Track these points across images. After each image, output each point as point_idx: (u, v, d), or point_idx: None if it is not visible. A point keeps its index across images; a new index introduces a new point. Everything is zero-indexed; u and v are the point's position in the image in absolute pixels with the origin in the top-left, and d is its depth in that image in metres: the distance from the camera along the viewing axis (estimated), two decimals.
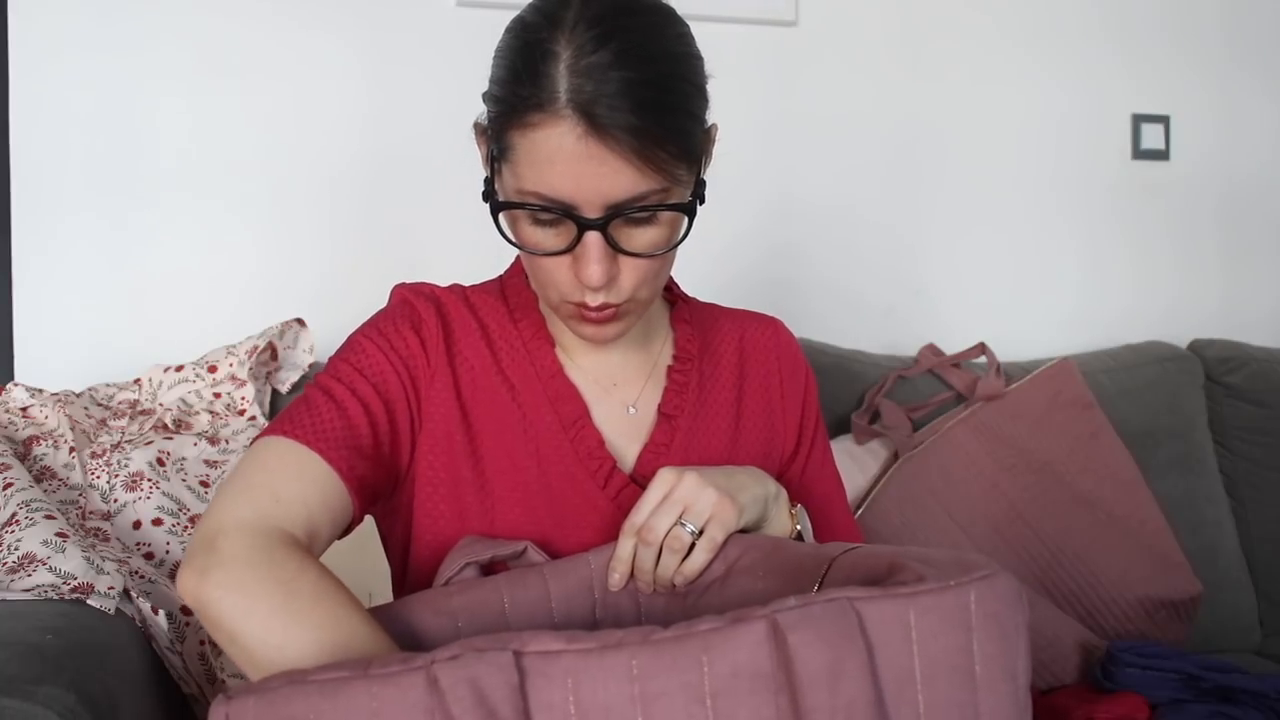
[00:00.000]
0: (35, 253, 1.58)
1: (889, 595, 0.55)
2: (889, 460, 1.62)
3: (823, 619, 0.53)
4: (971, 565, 0.58)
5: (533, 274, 0.85)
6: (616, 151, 0.73)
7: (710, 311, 1.01)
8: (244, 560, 0.70)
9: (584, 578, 0.80)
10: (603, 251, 0.78)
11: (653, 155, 0.74)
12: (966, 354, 1.76)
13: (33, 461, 1.25)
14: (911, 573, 0.59)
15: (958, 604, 0.55)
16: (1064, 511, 1.59)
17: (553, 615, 0.77)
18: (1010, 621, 0.56)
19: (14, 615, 0.95)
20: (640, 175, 0.75)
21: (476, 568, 0.80)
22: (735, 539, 0.79)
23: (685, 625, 0.54)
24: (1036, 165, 1.99)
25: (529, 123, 0.75)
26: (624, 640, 0.53)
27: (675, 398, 0.93)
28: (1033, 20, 1.98)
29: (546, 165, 0.75)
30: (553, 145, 0.74)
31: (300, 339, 1.49)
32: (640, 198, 0.76)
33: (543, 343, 0.91)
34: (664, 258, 0.82)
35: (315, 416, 0.81)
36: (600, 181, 0.75)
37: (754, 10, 1.82)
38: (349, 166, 1.68)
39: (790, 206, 1.88)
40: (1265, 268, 2.13)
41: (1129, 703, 1.34)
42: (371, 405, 0.84)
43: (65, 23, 1.58)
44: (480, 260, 1.09)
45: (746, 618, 0.54)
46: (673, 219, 0.81)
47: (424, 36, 1.69)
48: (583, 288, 0.80)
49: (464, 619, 0.74)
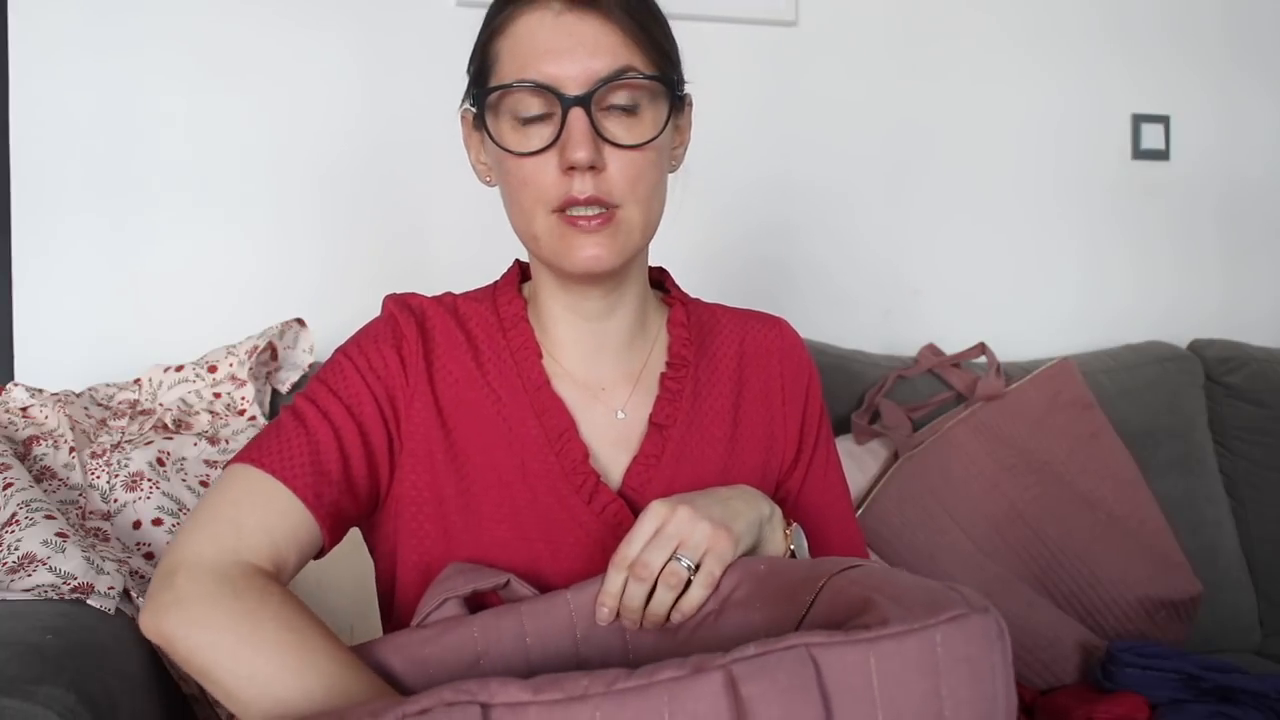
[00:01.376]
0: (35, 253, 1.57)
1: (849, 641, 0.54)
2: (889, 460, 1.62)
3: (777, 669, 0.52)
4: (944, 604, 0.55)
5: (521, 195, 0.82)
6: (595, 20, 0.78)
7: (711, 313, 0.98)
8: (203, 595, 0.70)
9: (563, 618, 0.76)
10: (587, 130, 0.78)
11: (630, 26, 0.78)
12: (966, 354, 1.76)
13: (33, 461, 1.25)
14: (877, 614, 0.57)
15: (921, 648, 0.53)
16: (1064, 511, 1.59)
17: (529, 659, 0.74)
18: (985, 663, 0.54)
19: (14, 615, 0.95)
20: (620, 45, 0.78)
21: (458, 602, 0.78)
22: (731, 566, 0.76)
23: (648, 672, 0.53)
24: (1036, 165, 1.99)
25: (510, 19, 0.80)
26: (588, 690, 0.53)
27: (668, 406, 0.90)
28: (1033, 20, 1.98)
29: (528, 49, 0.78)
30: (533, 27, 0.79)
31: (300, 339, 1.49)
32: (621, 71, 0.78)
33: (530, 354, 0.89)
34: (654, 166, 0.82)
35: (284, 444, 0.81)
36: (580, 53, 0.78)
37: (754, 10, 1.82)
38: (349, 166, 1.68)
39: (789, 205, 1.88)
40: (1265, 268, 2.13)
41: (1129, 703, 1.34)
42: (343, 429, 0.82)
43: (65, 23, 1.58)
44: (480, 260, 1.09)
45: (706, 667, 0.53)
46: (656, 115, 0.82)
47: (423, 36, 1.69)
48: (569, 181, 0.79)
49: (436, 668, 0.72)
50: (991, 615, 0.56)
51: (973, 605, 0.56)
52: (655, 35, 0.81)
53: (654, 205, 0.84)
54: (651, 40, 0.81)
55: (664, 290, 1.00)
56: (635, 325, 0.92)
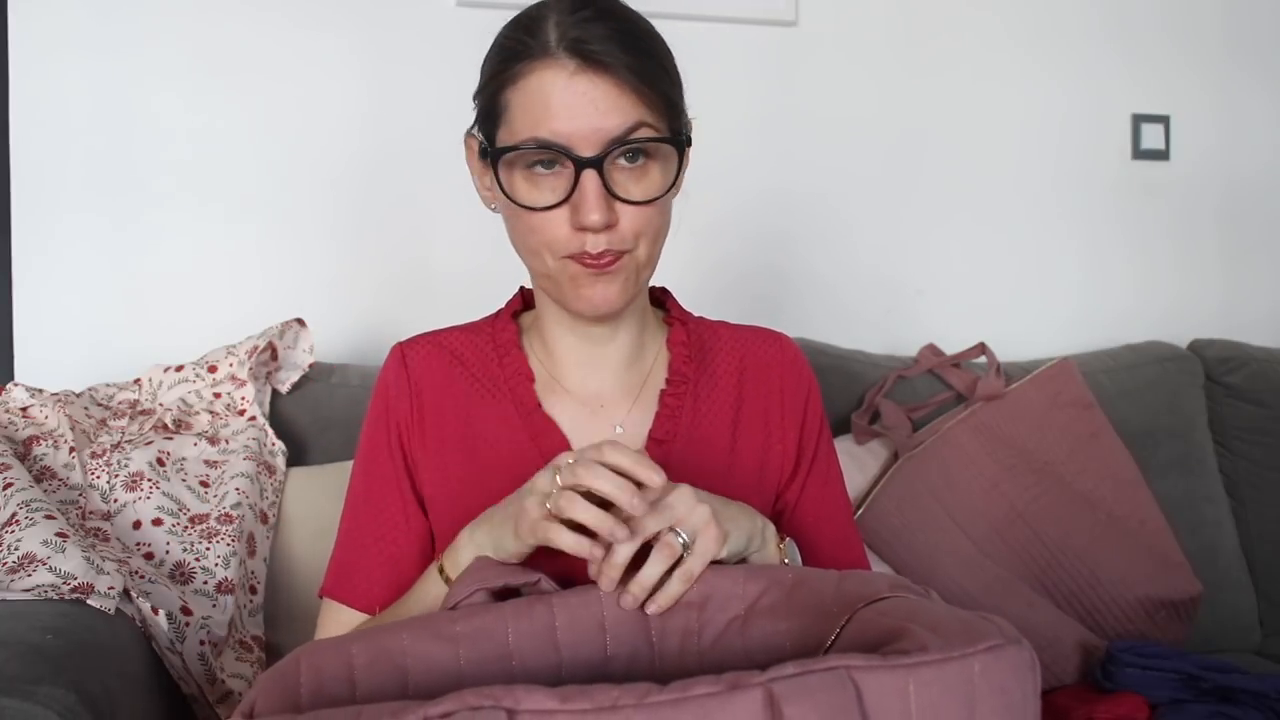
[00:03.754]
0: (35, 253, 1.58)
1: (889, 666, 0.53)
2: (889, 460, 1.62)
3: (819, 690, 0.52)
4: (980, 633, 0.55)
5: (530, 239, 0.84)
6: (607, 82, 0.78)
7: (713, 330, 1.00)
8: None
9: (595, 614, 0.75)
10: (600, 192, 0.79)
11: (640, 87, 0.79)
12: (966, 354, 1.76)
13: (33, 461, 1.25)
14: (915, 640, 0.57)
15: (961, 676, 0.53)
16: (1064, 512, 1.59)
17: (559, 648, 0.73)
18: (1018, 693, 0.54)
19: (14, 615, 0.95)
20: (631, 105, 0.79)
21: (487, 593, 0.78)
22: (757, 572, 0.76)
23: (682, 687, 0.53)
24: (1036, 165, 1.99)
25: (523, 73, 0.80)
26: (619, 702, 0.52)
27: (667, 423, 0.92)
28: (1033, 20, 1.98)
29: (541, 107, 0.79)
30: (546, 86, 0.79)
31: (300, 339, 1.49)
32: (632, 128, 0.80)
33: (523, 379, 0.93)
34: (661, 212, 0.84)
35: (366, 572, 0.91)
36: (593, 113, 0.79)
37: (754, 10, 1.82)
38: (349, 166, 1.68)
39: (790, 206, 1.88)
40: (1265, 268, 2.13)
41: (1129, 703, 1.34)
42: (401, 514, 0.92)
43: (65, 23, 1.58)
44: (480, 259, 1.09)
45: (744, 684, 0.52)
46: (665, 167, 0.83)
47: (424, 36, 1.69)
48: (581, 237, 0.81)
49: (465, 646, 0.72)
50: (1025, 647, 0.56)
51: (1007, 636, 0.56)
52: (666, 92, 0.83)
53: (659, 242, 0.87)
54: (662, 98, 0.82)
55: (665, 309, 1.01)
56: (635, 345, 0.94)
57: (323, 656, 0.68)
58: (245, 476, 1.30)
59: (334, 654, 0.69)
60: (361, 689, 0.67)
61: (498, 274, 1.02)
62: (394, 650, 0.70)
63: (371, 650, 0.69)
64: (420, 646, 0.71)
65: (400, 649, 0.70)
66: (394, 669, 0.69)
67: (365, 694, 0.67)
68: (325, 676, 0.67)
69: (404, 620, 0.75)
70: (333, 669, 0.68)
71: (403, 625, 0.73)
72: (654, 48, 0.84)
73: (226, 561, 1.22)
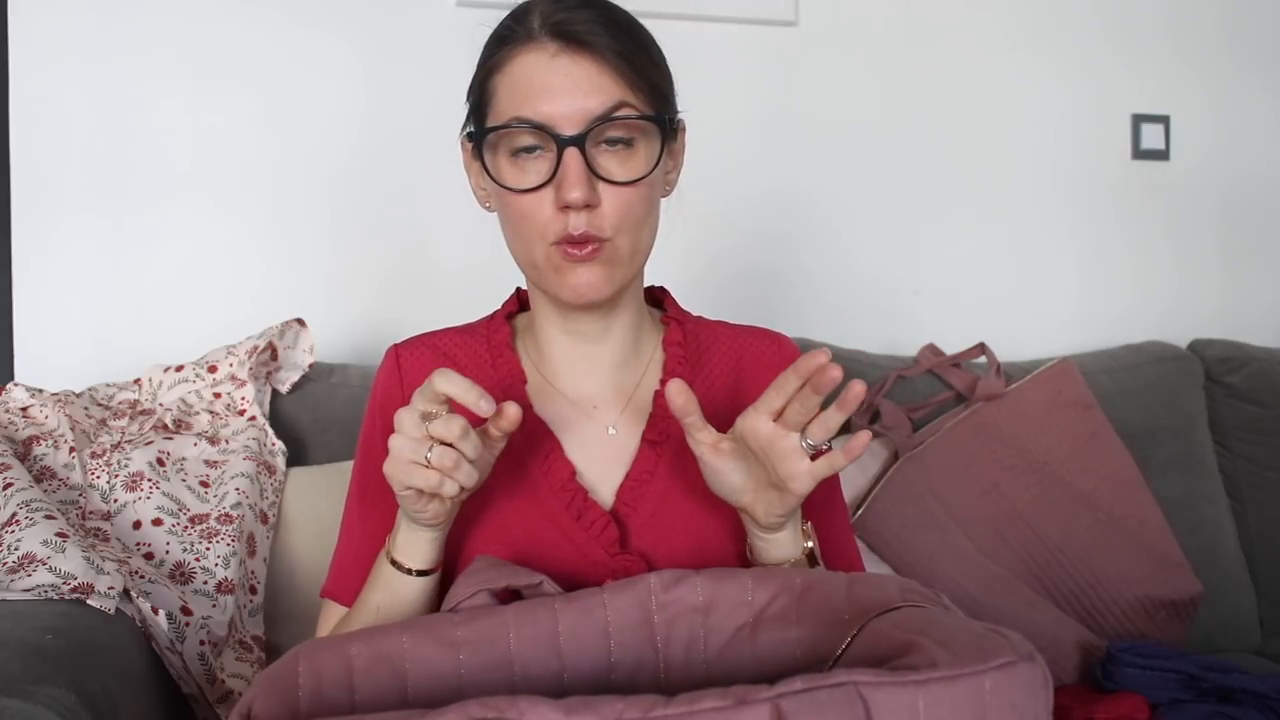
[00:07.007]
0: (35, 253, 1.58)
1: (898, 681, 0.53)
2: (889, 460, 1.62)
3: (828, 706, 0.52)
4: (993, 649, 0.55)
5: (519, 226, 0.85)
6: (589, 62, 0.80)
7: (710, 330, 1.00)
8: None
9: (599, 620, 0.74)
10: (582, 169, 0.80)
11: (622, 67, 0.81)
12: (966, 354, 1.76)
13: (33, 461, 1.25)
14: (925, 655, 0.56)
15: (971, 693, 0.53)
16: (1064, 511, 1.59)
17: (561, 655, 0.73)
18: (1030, 711, 0.54)
19: (14, 615, 0.95)
20: (613, 85, 0.81)
21: (489, 594, 0.77)
22: (765, 575, 0.76)
23: (689, 700, 0.52)
24: (1036, 165, 1.99)
25: (507, 58, 0.82)
26: (624, 714, 0.52)
27: (661, 424, 0.91)
28: (1033, 20, 1.98)
29: (524, 89, 0.81)
30: (529, 68, 0.81)
31: (300, 339, 1.49)
32: (615, 107, 0.81)
33: (515, 380, 0.93)
34: (644, 201, 0.84)
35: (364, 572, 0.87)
36: (575, 92, 0.80)
37: (754, 10, 1.82)
38: (349, 166, 1.68)
39: (790, 206, 1.88)
40: (1265, 268, 2.13)
41: (1129, 703, 1.34)
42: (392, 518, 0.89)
43: (65, 23, 1.58)
44: (479, 259, 1.09)
45: (752, 699, 0.52)
46: (649, 151, 0.84)
47: (423, 36, 1.69)
48: (564, 218, 0.82)
49: (466, 651, 0.71)
50: (1038, 664, 0.55)
51: (1020, 653, 0.55)
52: (648, 73, 0.84)
53: (643, 234, 0.87)
54: (645, 78, 0.83)
55: (663, 309, 1.01)
56: (629, 346, 0.94)
57: (322, 658, 0.68)
58: (245, 476, 1.30)
59: (333, 655, 0.68)
60: (360, 693, 0.67)
61: (497, 273, 1.02)
62: (394, 654, 0.69)
63: (371, 653, 0.69)
64: (420, 651, 0.70)
65: (400, 653, 0.69)
66: (393, 673, 0.68)
67: (364, 698, 0.67)
68: (324, 679, 0.67)
69: (404, 622, 0.75)
70: (332, 671, 0.67)
71: (403, 627, 0.72)
72: (637, 33, 0.85)
73: (226, 561, 1.22)
